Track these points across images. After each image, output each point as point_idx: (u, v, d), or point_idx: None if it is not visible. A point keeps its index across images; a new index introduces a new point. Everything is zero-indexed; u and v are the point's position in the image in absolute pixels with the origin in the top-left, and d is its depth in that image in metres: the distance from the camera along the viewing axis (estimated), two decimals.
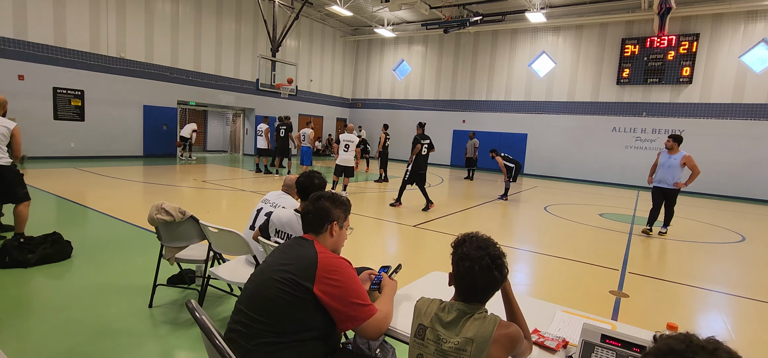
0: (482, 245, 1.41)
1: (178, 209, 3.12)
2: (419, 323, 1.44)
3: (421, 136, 8.21)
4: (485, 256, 1.38)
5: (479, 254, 1.38)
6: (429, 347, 1.39)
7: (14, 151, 4.29)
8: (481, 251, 1.39)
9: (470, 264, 1.38)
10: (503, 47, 18.49)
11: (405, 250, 5.63)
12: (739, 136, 14.13)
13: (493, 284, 1.40)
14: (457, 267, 1.43)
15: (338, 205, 1.86)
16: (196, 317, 1.44)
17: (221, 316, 3.22)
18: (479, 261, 1.38)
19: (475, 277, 1.38)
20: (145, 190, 8.70)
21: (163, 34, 14.58)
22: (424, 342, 1.40)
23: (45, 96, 11.91)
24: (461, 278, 1.41)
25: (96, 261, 4.17)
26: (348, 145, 9.03)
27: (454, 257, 1.45)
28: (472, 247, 1.41)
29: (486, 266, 1.37)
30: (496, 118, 18.71)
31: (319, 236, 1.80)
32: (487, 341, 1.31)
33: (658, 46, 15.08)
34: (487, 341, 1.31)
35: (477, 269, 1.37)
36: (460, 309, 1.40)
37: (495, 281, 1.39)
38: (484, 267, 1.37)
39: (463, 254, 1.41)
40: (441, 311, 1.43)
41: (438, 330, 1.39)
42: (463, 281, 1.41)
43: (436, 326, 1.40)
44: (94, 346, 2.67)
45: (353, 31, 21.81)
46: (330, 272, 1.58)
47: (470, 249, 1.41)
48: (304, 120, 20.62)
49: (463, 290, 1.43)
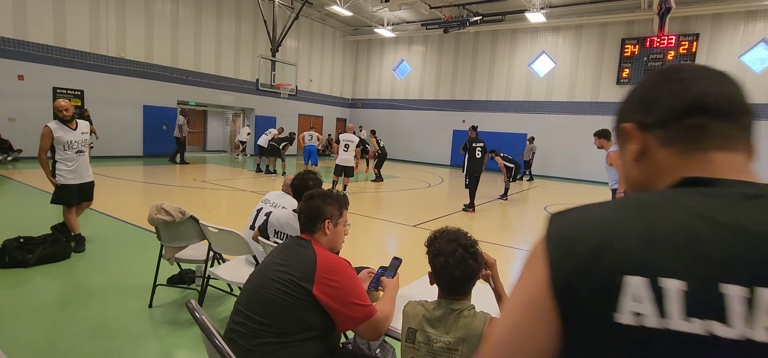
0: (453, 238, 1.46)
1: (178, 209, 3.12)
2: (408, 327, 1.46)
3: (474, 140, 8.19)
4: (458, 247, 1.43)
5: (452, 247, 1.43)
6: (420, 350, 1.40)
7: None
8: (452, 243, 1.44)
9: (445, 259, 1.42)
10: (503, 47, 18.49)
11: (405, 250, 5.64)
12: None
13: (471, 273, 1.44)
14: (433, 264, 1.47)
15: (331, 202, 1.84)
16: (196, 317, 1.45)
17: (221, 316, 3.22)
18: (452, 254, 1.42)
19: (452, 270, 1.41)
20: (145, 190, 8.71)
21: (162, 34, 14.58)
22: (416, 345, 1.41)
23: (45, 96, 11.91)
24: (439, 273, 1.45)
25: (96, 261, 4.17)
26: (348, 145, 9.01)
27: (429, 255, 1.49)
28: (443, 241, 1.46)
29: (460, 258, 1.42)
30: (496, 118, 18.71)
31: (314, 234, 1.79)
32: (478, 339, 1.32)
33: (658, 46, 15.08)
34: (479, 340, 1.32)
35: (452, 262, 1.41)
36: (446, 306, 1.43)
37: (471, 269, 1.43)
38: (458, 259, 1.41)
39: (437, 250, 1.46)
40: (427, 311, 1.44)
41: (427, 331, 1.40)
42: (441, 276, 1.45)
43: (424, 326, 1.42)
44: (94, 346, 2.67)
45: (353, 31, 21.81)
46: (329, 273, 1.58)
47: (442, 244, 1.45)
48: (304, 120, 20.64)
49: (444, 285, 1.46)
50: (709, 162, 0.61)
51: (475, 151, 8.13)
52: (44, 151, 4.17)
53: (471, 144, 8.16)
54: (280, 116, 18.71)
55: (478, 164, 8.17)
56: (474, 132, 8.37)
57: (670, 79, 0.66)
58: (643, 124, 0.67)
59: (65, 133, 4.17)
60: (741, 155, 0.62)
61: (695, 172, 0.61)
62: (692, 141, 0.62)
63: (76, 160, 4.27)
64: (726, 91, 0.63)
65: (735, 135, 0.62)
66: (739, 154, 0.62)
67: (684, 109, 0.63)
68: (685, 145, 0.63)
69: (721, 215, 0.53)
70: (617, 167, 5.01)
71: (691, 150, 0.62)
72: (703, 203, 0.55)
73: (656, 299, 0.51)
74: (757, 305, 0.48)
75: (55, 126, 4.15)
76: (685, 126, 0.63)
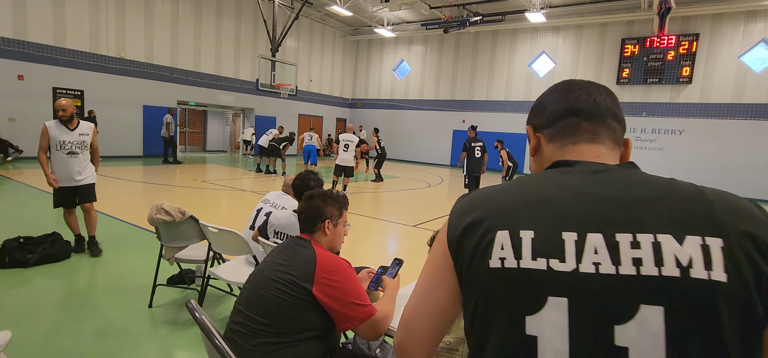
0: None
1: (178, 209, 3.12)
2: None
3: (473, 140, 8.24)
4: None
5: None
6: None
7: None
8: None
9: None
10: (503, 47, 18.49)
11: (405, 250, 5.63)
12: (739, 136, 14.13)
13: None
14: None
15: (331, 202, 1.85)
16: (196, 317, 1.45)
17: (221, 316, 3.22)
18: None
19: None
20: (145, 190, 8.71)
21: (162, 34, 14.57)
22: None
23: (45, 96, 11.90)
24: None
25: (96, 261, 4.17)
26: (347, 145, 9.01)
27: None
28: None
29: None
30: (496, 118, 18.70)
31: (314, 234, 1.80)
32: None
33: (657, 46, 15.08)
34: None
35: None
36: None
37: None
38: None
39: None
40: None
41: None
42: None
43: None
44: (94, 346, 2.67)
45: (353, 31, 21.80)
46: (329, 273, 1.59)
47: None
48: (304, 120, 20.64)
49: None
50: (576, 151, 0.81)
51: (474, 151, 8.14)
52: (43, 151, 4.14)
53: (470, 144, 8.17)
54: (280, 116, 18.70)
55: (477, 164, 8.17)
56: (473, 132, 8.39)
57: (558, 90, 0.86)
58: (536, 126, 0.88)
59: (60, 133, 4.13)
60: (604, 146, 0.80)
61: (564, 158, 0.80)
62: (567, 137, 0.82)
63: (66, 161, 4.17)
64: (596, 100, 0.82)
65: (600, 131, 0.81)
66: (602, 145, 0.80)
67: (562, 113, 0.83)
68: (563, 141, 0.82)
69: (570, 183, 0.72)
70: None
71: (566, 144, 0.82)
72: (561, 177, 0.74)
73: (514, 246, 0.68)
74: (585, 246, 0.65)
75: (51, 125, 4.14)
76: (562, 125, 0.83)
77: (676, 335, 0.60)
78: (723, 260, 0.61)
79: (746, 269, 0.61)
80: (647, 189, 0.69)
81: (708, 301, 0.60)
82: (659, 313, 0.61)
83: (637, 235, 0.64)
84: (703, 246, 0.62)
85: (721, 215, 0.64)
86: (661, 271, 0.62)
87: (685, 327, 0.60)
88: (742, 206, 0.66)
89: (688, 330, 0.60)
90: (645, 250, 0.63)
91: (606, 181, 0.71)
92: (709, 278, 0.60)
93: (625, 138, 0.84)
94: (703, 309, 0.60)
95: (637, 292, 0.62)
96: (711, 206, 0.65)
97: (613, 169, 0.74)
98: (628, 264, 0.63)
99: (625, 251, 0.63)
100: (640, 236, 0.64)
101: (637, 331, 0.61)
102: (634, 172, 0.74)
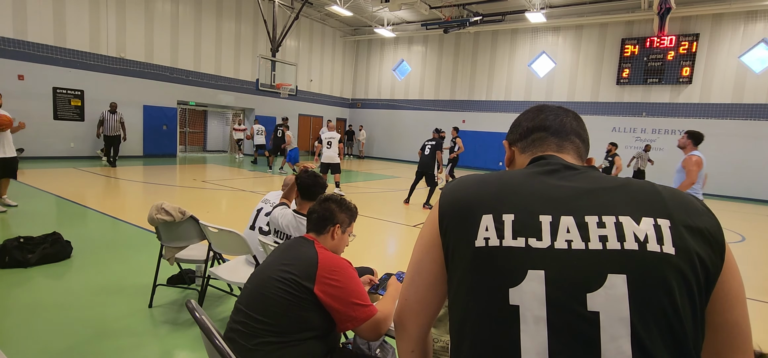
0: None
1: (178, 209, 3.12)
2: None
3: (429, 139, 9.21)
4: None
5: None
6: None
7: None
8: None
9: None
10: (503, 47, 18.48)
11: (405, 250, 5.63)
12: (739, 136, 14.12)
13: None
14: None
15: (344, 209, 1.91)
16: (196, 317, 1.44)
17: (221, 316, 3.22)
18: None
19: None
20: (145, 190, 8.70)
21: (163, 34, 14.57)
22: None
23: (45, 96, 11.90)
24: None
25: (96, 261, 4.17)
26: (331, 143, 9.30)
27: None
28: None
29: None
30: (496, 118, 18.70)
31: (320, 236, 1.82)
32: None
33: (657, 46, 15.07)
34: None
35: None
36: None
37: None
38: None
39: None
40: None
41: None
42: None
43: None
44: (94, 346, 2.67)
45: (353, 31, 21.80)
46: (330, 273, 1.59)
47: None
48: (304, 120, 20.63)
49: None
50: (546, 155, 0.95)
51: (425, 148, 9.06)
52: None
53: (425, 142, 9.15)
54: (280, 116, 18.69)
55: (425, 160, 9.07)
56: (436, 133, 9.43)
57: (531, 111, 1.03)
58: (511, 140, 1.04)
59: None
60: (569, 156, 0.95)
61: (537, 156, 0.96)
62: (537, 147, 0.98)
63: None
64: (563, 120, 0.99)
65: (565, 145, 0.97)
66: (567, 155, 0.95)
67: (533, 128, 0.99)
68: (533, 151, 0.98)
69: (544, 176, 0.85)
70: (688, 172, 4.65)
71: (536, 153, 0.97)
72: (537, 170, 0.87)
73: (498, 227, 0.78)
74: (559, 226, 0.76)
75: None
76: (532, 138, 0.99)
77: (638, 298, 0.70)
78: (671, 237, 0.73)
79: (691, 247, 0.73)
80: (609, 181, 0.82)
81: (662, 269, 0.71)
82: (623, 280, 0.71)
83: (602, 216, 0.76)
84: (655, 226, 0.74)
85: (668, 203, 0.77)
86: (623, 245, 0.73)
87: (645, 291, 0.71)
88: (686, 199, 0.79)
89: (647, 294, 0.70)
90: (609, 228, 0.74)
91: (575, 175, 0.85)
92: (662, 251, 0.72)
93: (589, 157, 1.00)
94: (658, 276, 0.71)
95: (604, 263, 0.72)
96: (660, 195, 0.78)
97: (579, 167, 0.88)
98: (595, 240, 0.74)
99: (593, 230, 0.75)
100: (605, 218, 0.76)
101: (606, 297, 0.71)
102: (596, 171, 0.88)
